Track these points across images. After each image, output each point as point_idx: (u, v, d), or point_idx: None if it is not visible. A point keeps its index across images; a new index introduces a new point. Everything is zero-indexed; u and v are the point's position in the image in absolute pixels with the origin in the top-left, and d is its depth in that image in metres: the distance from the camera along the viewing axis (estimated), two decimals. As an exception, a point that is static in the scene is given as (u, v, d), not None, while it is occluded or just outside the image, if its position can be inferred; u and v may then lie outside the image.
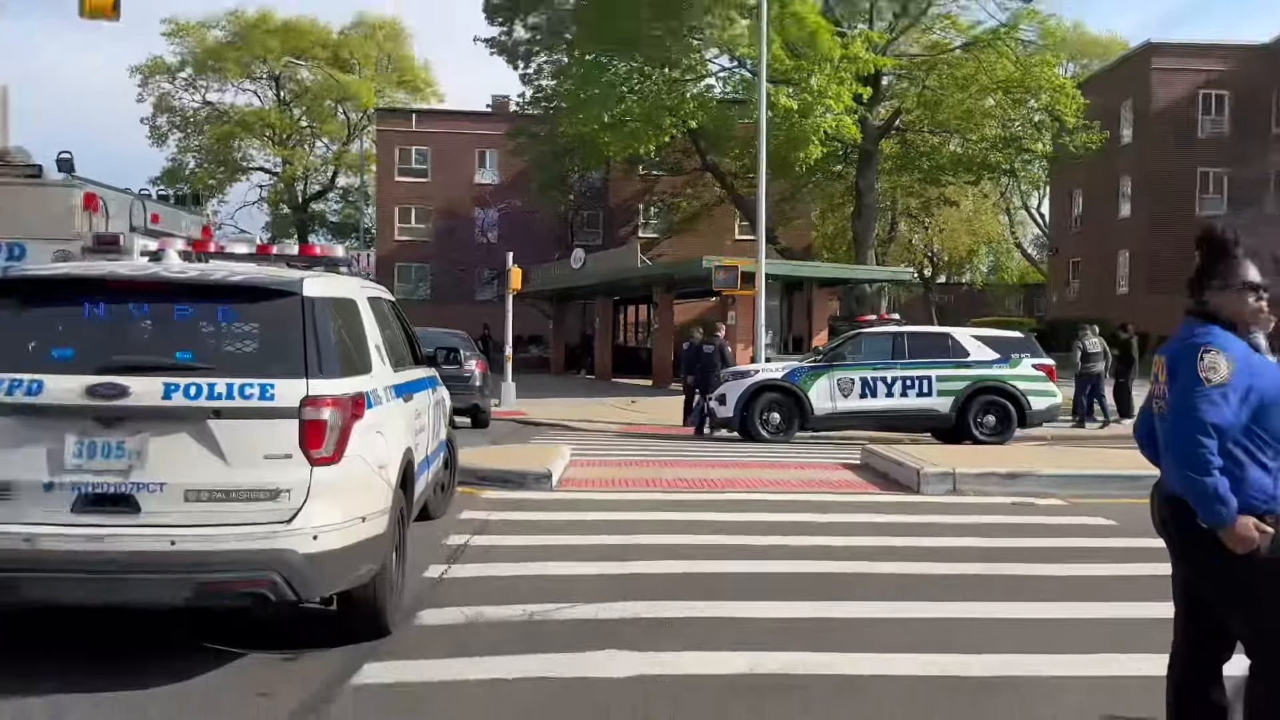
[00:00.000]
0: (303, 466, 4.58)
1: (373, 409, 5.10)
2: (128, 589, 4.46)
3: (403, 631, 5.40)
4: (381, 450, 5.18)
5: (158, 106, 60.52)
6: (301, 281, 4.97)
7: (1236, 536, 3.13)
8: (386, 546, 5.14)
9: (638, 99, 29.38)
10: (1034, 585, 6.59)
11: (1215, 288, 3.38)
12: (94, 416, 4.48)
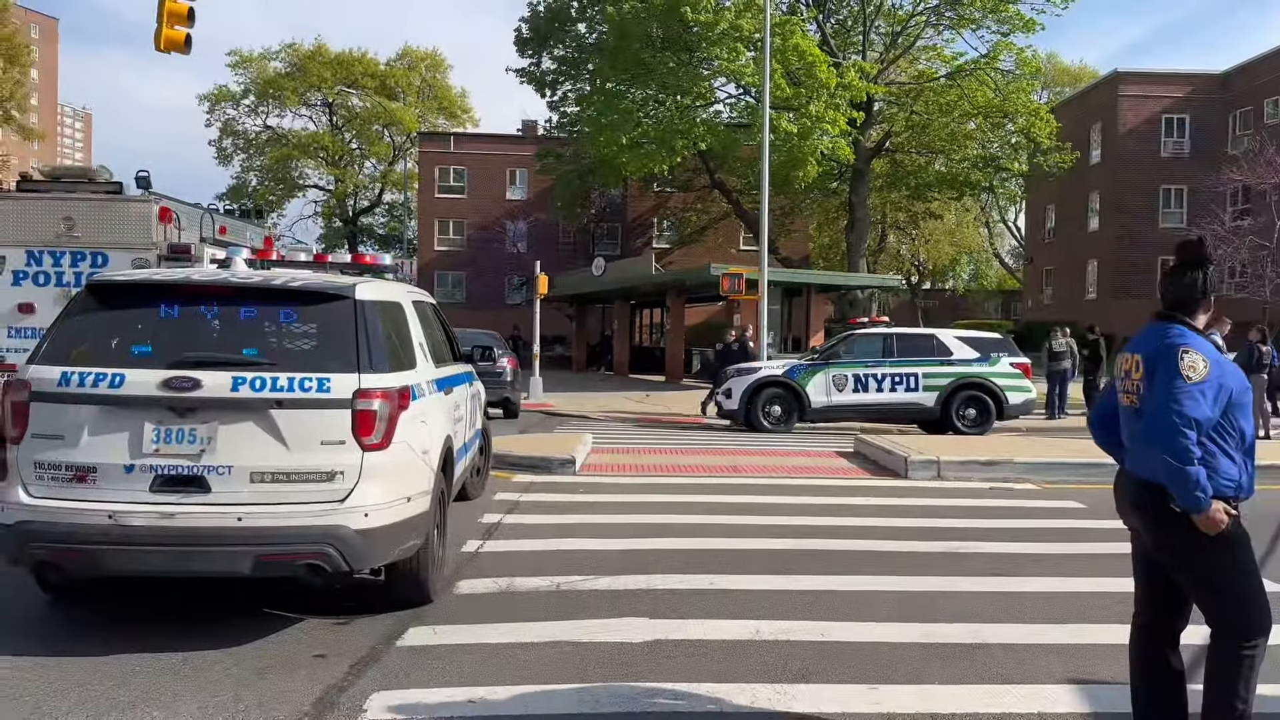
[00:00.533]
0: (355, 452, 4.63)
1: (417, 400, 5.14)
2: (198, 560, 4.53)
3: (443, 599, 5.45)
4: (425, 437, 5.22)
5: (223, 130, 60.93)
6: (354, 286, 5.01)
7: (1210, 520, 3.14)
8: (429, 523, 5.18)
9: (653, 123, 29.32)
10: (1009, 561, 6.58)
11: (1188, 295, 3.38)
12: (169, 406, 4.54)
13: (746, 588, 5.81)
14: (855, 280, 31.13)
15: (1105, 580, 5.89)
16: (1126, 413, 3.45)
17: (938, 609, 5.42)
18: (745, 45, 27.14)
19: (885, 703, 4.08)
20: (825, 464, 11.63)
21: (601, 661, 4.52)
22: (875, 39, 34.05)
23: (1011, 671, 4.46)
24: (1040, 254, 48.14)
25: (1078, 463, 10.12)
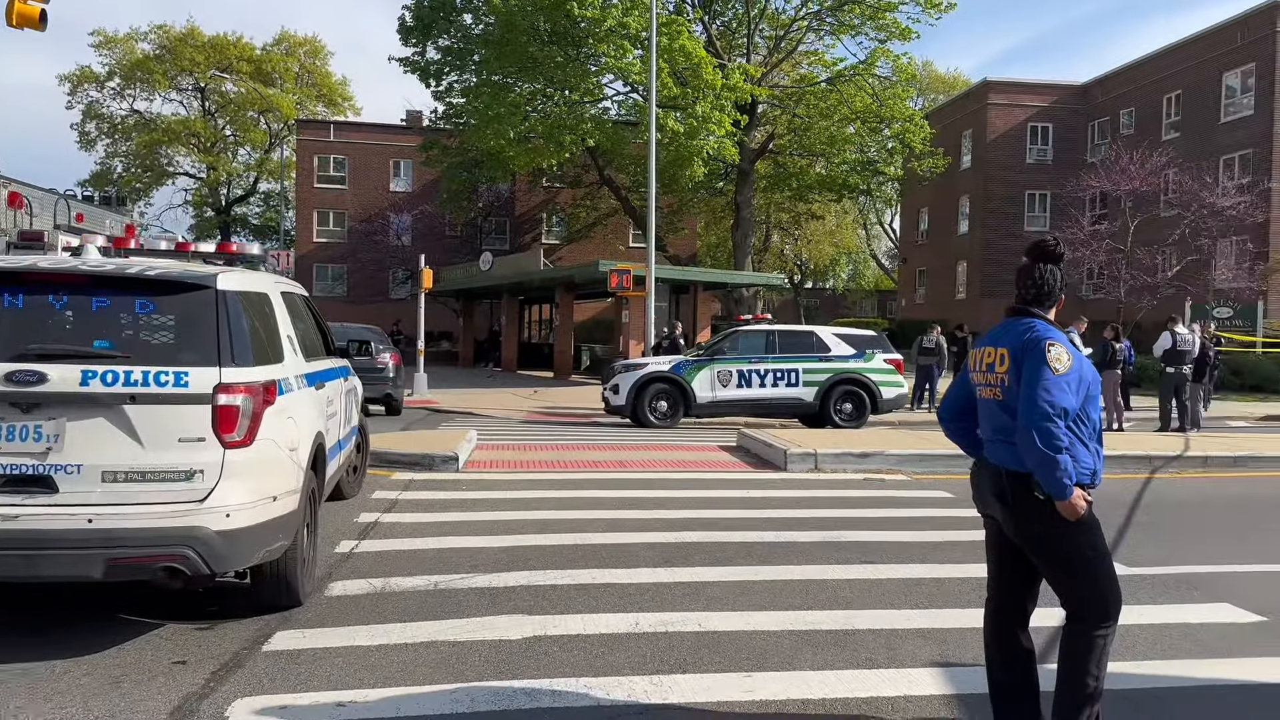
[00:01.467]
0: (216, 449, 4.43)
1: (284, 395, 4.95)
2: (45, 564, 4.25)
3: (314, 602, 5.27)
4: (292, 434, 5.03)
5: (86, 113, 57.65)
6: (216, 276, 4.79)
7: (1071, 506, 3.26)
8: (298, 523, 5.00)
9: (541, 118, 29.15)
10: (879, 550, 6.77)
11: (1041, 291, 3.52)
12: (11, 402, 4.25)
13: (628, 581, 5.82)
14: (741, 278, 31.65)
15: (969, 566, 6.13)
16: (989, 405, 3.54)
17: (812, 597, 5.54)
18: (632, 43, 27.23)
19: (759, 690, 4.14)
20: (709, 458, 11.75)
21: (479, 660, 4.44)
22: (759, 42, 34.68)
23: (880, 656, 4.59)
24: (914, 255, 49.97)
25: (945, 454, 10.51)
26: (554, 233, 45.45)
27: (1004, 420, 3.44)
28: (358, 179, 46.25)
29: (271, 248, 48.28)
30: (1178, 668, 4.50)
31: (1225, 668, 4.50)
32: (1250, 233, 30.40)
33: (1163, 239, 30.33)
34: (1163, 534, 7.43)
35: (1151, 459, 10.91)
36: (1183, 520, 8.04)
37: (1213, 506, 8.80)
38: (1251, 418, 19.21)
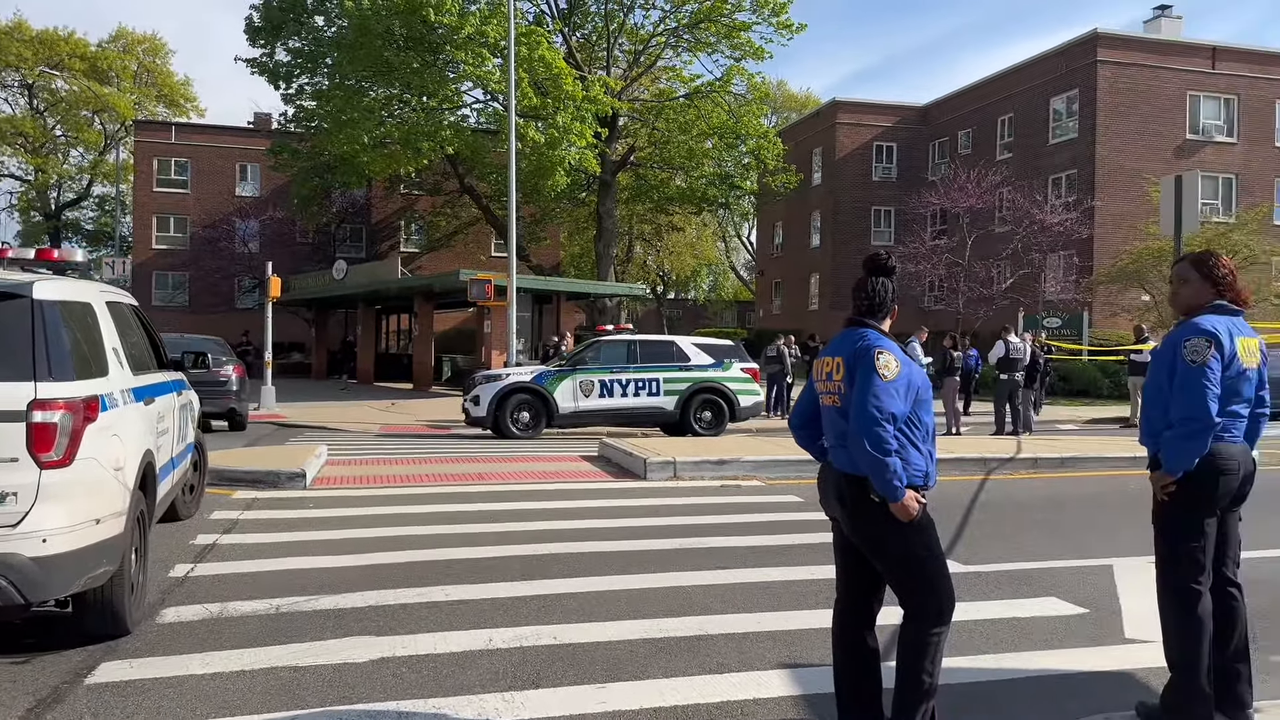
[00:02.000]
0: (31, 470, 4.11)
1: (109, 411, 4.63)
2: None
3: (144, 630, 4.95)
4: (118, 452, 4.71)
5: (-102, 108, 52.86)
6: (32, 284, 4.45)
7: (904, 508, 3.38)
8: (124, 547, 4.68)
9: (397, 124, 28.51)
10: (733, 555, 6.89)
11: (879, 303, 3.65)
12: None
13: (484, 597, 5.71)
14: (603, 288, 31.79)
15: (818, 568, 6.31)
16: (830, 412, 3.66)
17: (667, 605, 5.58)
18: (491, 52, 27.00)
19: (612, 701, 4.13)
20: (570, 468, 11.72)
21: (321, 685, 4.26)
22: (619, 55, 35.00)
23: (731, 660, 4.66)
24: (770, 267, 51.45)
25: (796, 459, 10.81)
26: (413, 241, 44.47)
27: (843, 426, 3.55)
28: (201, 183, 44.03)
29: (108, 256, 45.41)
30: (1009, 660, 4.75)
31: (1051, 659, 4.78)
32: (1076, 248, 32.68)
33: (997, 253, 32.24)
34: (997, 532, 7.85)
35: (987, 461, 11.54)
36: (1015, 519, 8.53)
37: (1042, 505, 9.36)
38: (1079, 421, 20.61)
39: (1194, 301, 3.86)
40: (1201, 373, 3.61)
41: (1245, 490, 3.82)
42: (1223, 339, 3.67)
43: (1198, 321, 3.74)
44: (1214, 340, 3.65)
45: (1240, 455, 3.75)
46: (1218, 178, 34.03)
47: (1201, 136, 34.22)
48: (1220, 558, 3.83)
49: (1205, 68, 34.31)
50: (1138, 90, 33.58)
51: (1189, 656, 3.70)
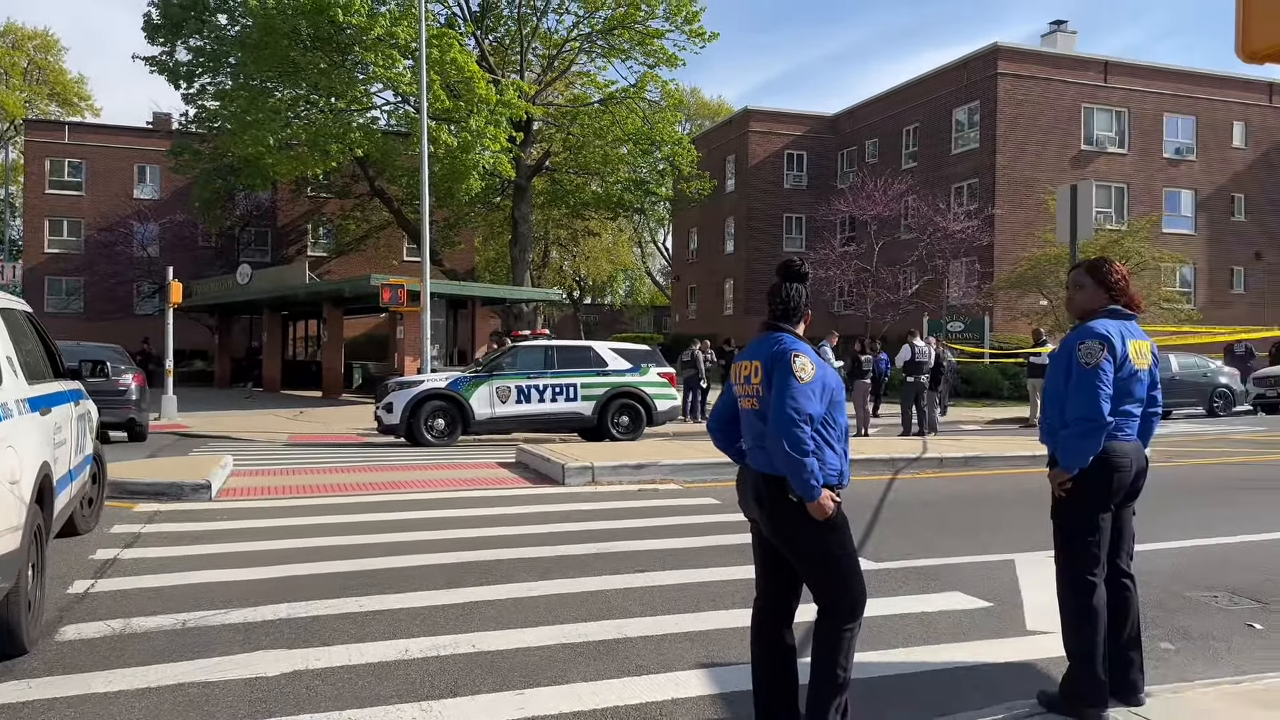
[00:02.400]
0: (-84, 485, 3.90)
1: (2, 422, 4.44)
2: None
3: (42, 648, 4.76)
4: (13, 465, 4.51)
5: None
6: (-85, 291, 4.23)
7: (820, 507, 3.46)
8: (20, 563, 4.49)
9: (304, 125, 27.84)
10: (651, 558, 6.94)
11: (793, 308, 3.73)
12: None
13: (398, 606, 5.64)
14: (518, 293, 31.62)
15: (734, 569, 6.41)
16: (748, 415, 3.73)
17: (586, 609, 5.60)
18: (402, 53, 26.62)
19: (530, 707, 4.13)
20: (487, 475, 11.62)
21: (231, 700, 4.16)
22: (533, 59, 34.92)
23: (650, 662, 4.70)
24: (686, 273, 51.91)
25: (714, 462, 10.97)
26: (320, 245, 43.48)
27: (760, 427, 3.62)
28: (97, 185, 42.25)
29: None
30: (917, 654, 4.90)
31: (954, 651, 4.95)
32: (978, 254, 33.83)
33: (904, 259, 33.17)
34: (905, 530, 8.08)
35: (895, 461, 11.87)
36: (921, 517, 8.79)
37: (947, 503, 9.68)
38: (981, 421, 21.34)
39: (1089, 306, 4.06)
40: (1095, 374, 3.80)
41: (1138, 486, 4.03)
42: (1115, 342, 3.86)
43: (1092, 325, 3.94)
44: (1107, 343, 3.84)
45: (1133, 453, 3.95)
46: (1110, 187, 35.67)
47: (1095, 147, 35.83)
48: (1115, 551, 4.03)
49: (1098, 81, 35.94)
50: (1035, 102, 34.97)
51: (1085, 645, 3.88)
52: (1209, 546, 7.41)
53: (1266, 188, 38.05)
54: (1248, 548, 7.38)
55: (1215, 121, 37.12)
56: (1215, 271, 37.28)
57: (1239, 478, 11.39)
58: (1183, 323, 29.64)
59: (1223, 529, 8.02)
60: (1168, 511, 8.57)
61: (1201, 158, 37.21)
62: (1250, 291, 37.71)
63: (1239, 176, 37.79)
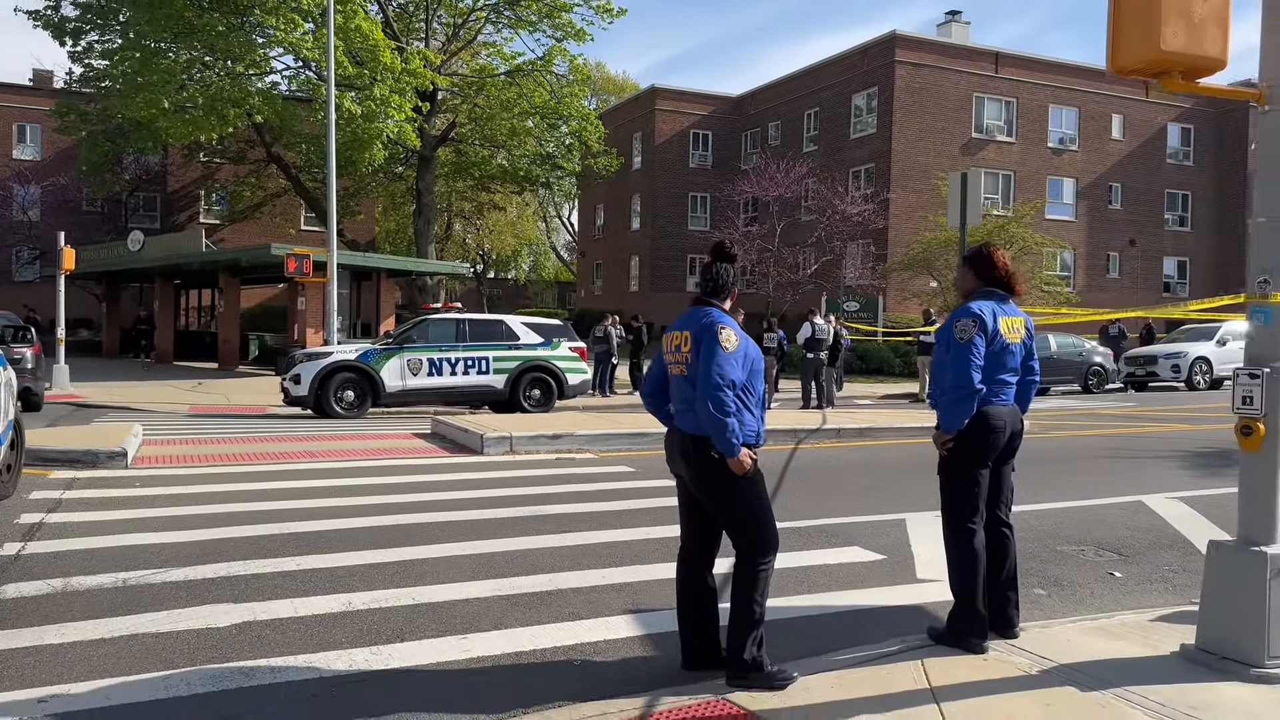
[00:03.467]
0: None
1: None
2: None
3: (-17, 608, 4.86)
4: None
5: None
6: None
7: (739, 463, 3.91)
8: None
9: (200, 88, 26.95)
10: (575, 520, 7.35)
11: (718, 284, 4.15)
12: None
13: (336, 565, 5.90)
14: (425, 266, 31.39)
15: (654, 529, 6.87)
16: (678, 381, 4.15)
17: (517, 565, 5.96)
18: (303, 17, 26.03)
19: (474, 649, 4.48)
20: (404, 445, 11.78)
21: (188, 648, 4.39)
22: (438, 28, 34.48)
23: (582, 610, 5.11)
24: (591, 249, 52.18)
25: (628, 433, 11.41)
26: (214, 212, 42.11)
27: (688, 392, 4.05)
28: (-30, 144, 39.97)
29: None
30: (820, 599, 5.44)
31: (854, 596, 5.52)
32: (873, 237, 35.12)
33: (804, 240, 34.21)
34: (808, 494, 8.68)
35: (797, 432, 12.54)
36: (822, 482, 9.42)
37: (846, 469, 10.34)
38: (874, 396, 22.38)
39: (969, 287, 4.63)
40: (967, 348, 4.36)
41: (1014, 445, 4.61)
42: (987, 319, 4.42)
43: (968, 305, 4.51)
44: (979, 321, 4.40)
45: (1008, 416, 4.52)
46: (998, 174, 37.42)
47: (985, 135, 37.49)
48: (994, 502, 4.60)
49: (989, 71, 37.56)
50: (929, 90, 36.36)
51: (968, 585, 4.44)
52: (1079, 508, 8.21)
53: (1141, 178, 40.50)
54: (1111, 508, 8.20)
55: (1096, 114, 39.25)
56: (1093, 257, 39.56)
57: (1107, 448, 12.43)
58: (1062, 305, 31.47)
59: (1092, 492, 8.88)
60: (1046, 477, 9.42)
61: (1083, 148, 39.33)
62: (1124, 276, 40.17)
63: (1116, 167, 40.12)
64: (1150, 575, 6.10)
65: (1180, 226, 41.25)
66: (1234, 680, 4.00)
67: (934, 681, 4.01)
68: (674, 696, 3.81)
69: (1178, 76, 4.08)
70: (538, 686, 4.04)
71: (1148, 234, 40.67)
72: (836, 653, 4.36)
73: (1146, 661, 4.28)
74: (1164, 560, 6.45)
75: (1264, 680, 3.97)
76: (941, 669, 4.14)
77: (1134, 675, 4.08)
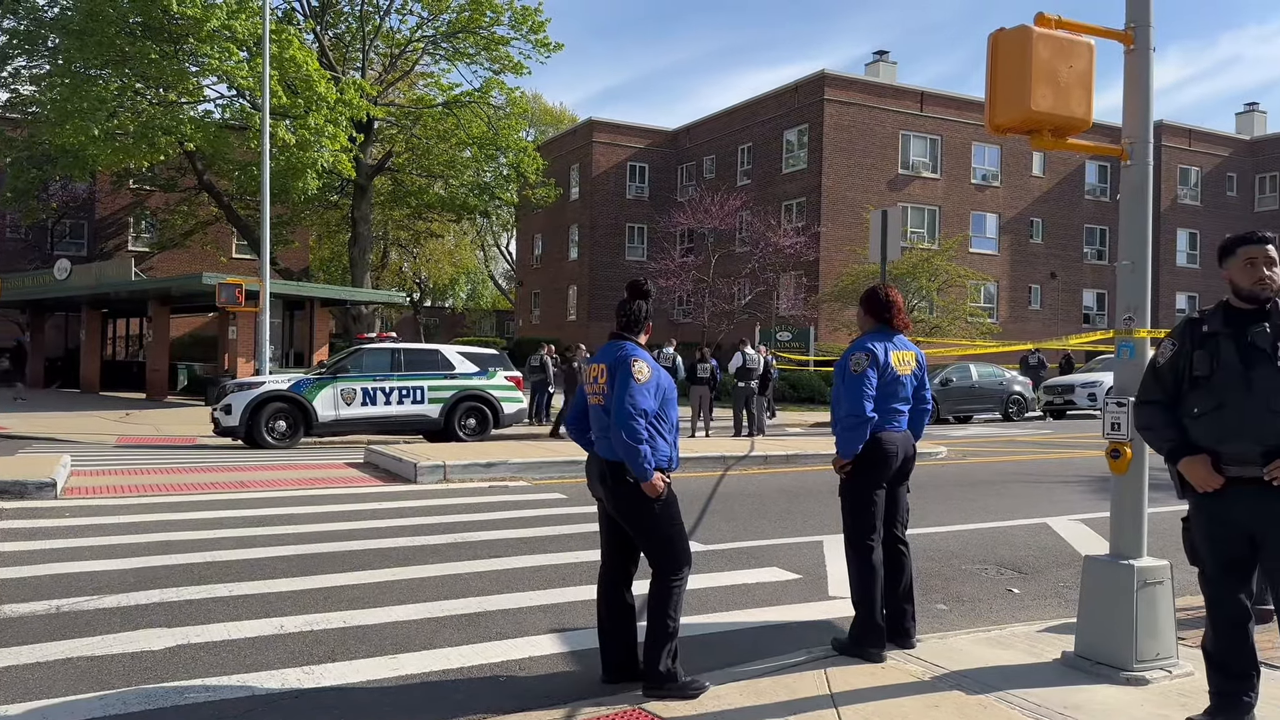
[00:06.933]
0: None
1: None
2: None
3: (-87, 637, 4.92)
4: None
5: None
6: None
7: (652, 486, 4.20)
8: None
9: (132, 116, 26.67)
10: (506, 545, 7.56)
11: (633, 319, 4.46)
12: None
13: (267, 591, 6.03)
14: (360, 295, 31.28)
15: (581, 553, 7.12)
16: (596, 410, 4.46)
17: (446, 590, 6.16)
18: (238, 46, 25.98)
19: (404, 668, 4.69)
20: (337, 475, 11.85)
21: (123, 670, 4.52)
22: (374, 58, 34.59)
23: (509, 630, 5.34)
24: (530, 278, 52.36)
25: (560, 460, 11.64)
26: (143, 239, 41.35)
27: (605, 420, 4.36)
28: (-115, 167, 38.68)
29: None
30: (737, 616, 5.75)
31: (769, 613, 5.84)
32: (805, 269, 35.98)
33: (738, 272, 34.90)
34: (732, 518, 9.01)
35: (725, 459, 12.90)
36: (746, 507, 9.76)
37: (770, 495, 10.71)
38: (805, 424, 22.92)
39: (863, 326, 5.04)
40: (861, 380, 4.75)
41: (907, 469, 4.99)
42: (879, 354, 4.82)
43: (862, 340, 4.92)
44: (871, 355, 4.80)
45: (901, 441, 4.91)
46: (924, 209, 38.67)
47: (911, 171, 38.75)
48: (890, 520, 4.98)
49: (915, 110, 38.89)
50: (858, 127, 37.52)
51: (867, 597, 4.79)
52: (987, 529, 8.68)
53: (1060, 213, 42.17)
54: (1016, 529, 8.69)
55: (1017, 151, 40.80)
56: (1015, 289, 40.99)
57: (1017, 473, 13.03)
58: (985, 336, 32.56)
59: (1000, 515, 9.37)
60: (958, 501, 9.90)
61: (1005, 184, 40.85)
62: (1045, 308, 41.66)
63: (1037, 202, 41.72)
64: (1046, 591, 6.53)
65: (1098, 260, 42.96)
66: (1105, 683, 4.39)
67: (835, 688, 4.33)
68: (593, 707, 4.06)
69: (1048, 134, 4.53)
70: (463, 701, 4.26)
71: (1068, 267, 42.28)
72: (747, 664, 4.65)
73: (1029, 668, 4.66)
74: (1060, 577, 6.90)
75: (1132, 682, 4.37)
76: (842, 677, 4.47)
77: (1016, 680, 4.45)
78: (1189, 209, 45.18)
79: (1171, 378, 3.72)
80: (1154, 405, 3.78)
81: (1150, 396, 3.81)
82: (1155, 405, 3.78)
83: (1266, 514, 3.48)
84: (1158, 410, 3.76)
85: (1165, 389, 3.74)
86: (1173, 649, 4.51)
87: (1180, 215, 44.89)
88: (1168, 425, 3.71)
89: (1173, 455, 3.68)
